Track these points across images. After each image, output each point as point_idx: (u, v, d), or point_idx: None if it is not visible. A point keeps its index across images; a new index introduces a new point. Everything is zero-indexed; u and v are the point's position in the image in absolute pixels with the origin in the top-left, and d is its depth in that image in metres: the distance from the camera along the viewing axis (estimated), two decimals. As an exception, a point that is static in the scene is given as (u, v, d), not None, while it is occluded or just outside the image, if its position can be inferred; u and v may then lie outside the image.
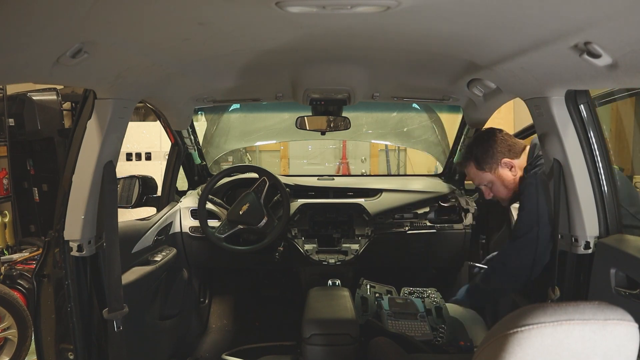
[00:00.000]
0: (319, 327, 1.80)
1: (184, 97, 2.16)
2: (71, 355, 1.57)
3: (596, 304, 0.78)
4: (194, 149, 2.75)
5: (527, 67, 1.43)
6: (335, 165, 6.86)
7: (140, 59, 1.39)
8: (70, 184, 1.53)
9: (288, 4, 0.99)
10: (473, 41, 1.34)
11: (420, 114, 3.24)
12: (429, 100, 2.45)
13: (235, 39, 1.36)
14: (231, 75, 1.92)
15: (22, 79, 1.34)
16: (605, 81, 1.24)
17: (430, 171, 6.18)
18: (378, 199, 2.88)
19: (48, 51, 1.07)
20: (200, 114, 3.17)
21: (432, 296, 2.37)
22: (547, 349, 0.76)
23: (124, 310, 1.53)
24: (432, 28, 1.24)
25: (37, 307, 1.60)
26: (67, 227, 1.54)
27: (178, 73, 1.68)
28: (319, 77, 1.91)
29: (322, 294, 2.13)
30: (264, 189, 2.61)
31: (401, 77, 1.98)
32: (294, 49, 1.53)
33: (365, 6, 1.01)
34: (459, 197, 2.88)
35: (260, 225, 2.56)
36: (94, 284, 1.62)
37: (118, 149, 1.63)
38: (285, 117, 3.19)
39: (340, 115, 2.32)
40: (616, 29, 1.00)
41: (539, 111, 1.64)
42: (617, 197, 1.64)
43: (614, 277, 1.53)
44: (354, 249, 2.74)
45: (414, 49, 1.51)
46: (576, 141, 1.61)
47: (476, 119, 2.44)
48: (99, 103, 1.51)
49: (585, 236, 1.62)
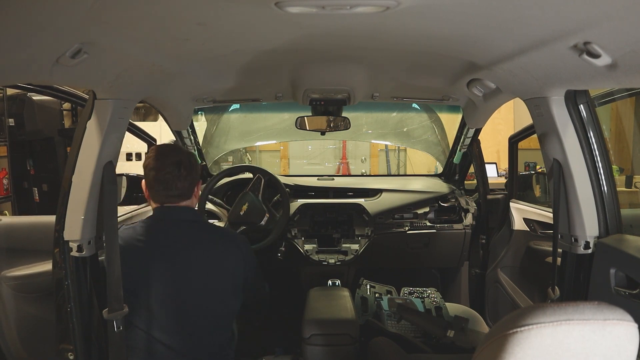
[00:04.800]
0: (319, 327, 1.80)
1: (184, 97, 2.16)
2: (71, 356, 1.57)
3: (596, 304, 0.78)
4: (193, 149, 2.75)
5: (527, 67, 1.43)
6: (335, 165, 6.86)
7: (140, 59, 1.39)
8: (70, 184, 1.53)
9: (287, 4, 0.99)
10: (473, 41, 1.34)
11: (420, 114, 3.24)
12: (428, 100, 2.45)
13: (235, 39, 1.36)
14: (231, 75, 1.92)
15: (22, 79, 1.34)
16: (605, 81, 1.24)
17: (430, 171, 6.18)
18: (378, 199, 2.88)
19: (48, 51, 1.08)
20: (200, 114, 3.17)
21: (432, 296, 2.37)
22: (546, 349, 0.76)
23: (124, 310, 1.53)
24: (431, 28, 1.24)
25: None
26: (67, 227, 1.54)
27: (178, 73, 1.68)
28: (319, 77, 1.91)
29: (322, 294, 2.14)
30: (260, 186, 2.61)
31: (401, 77, 1.98)
32: (294, 49, 1.53)
33: (364, 6, 1.01)
34: (458, 197, 2.88)
35: (262, 223, 2.56)
36: (94, 284, 1.62)
37: (118, 149, 1.63)
38: (285, 117, 3.19)
39: (340, 115, 2.32)
40: (616, 29, 1.00)
41: (539, 111, 1.64)
42: (617, 197, 1.65)
43: (614, 277, 1.53)
44: (354, 249, 2.74)
45: (413, 49, 1.51)
46: (576, 141, 1.61)
47: (476, 119, 2.44)
48: (99, 103, 1.51)
49: (585, 236, 1.62)
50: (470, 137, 2.67)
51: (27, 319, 1.97)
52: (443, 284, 3.18)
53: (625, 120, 4.93)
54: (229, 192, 2.90)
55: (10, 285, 1.94)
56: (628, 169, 4.72)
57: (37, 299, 1.94)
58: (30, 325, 1.97)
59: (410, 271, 3.18)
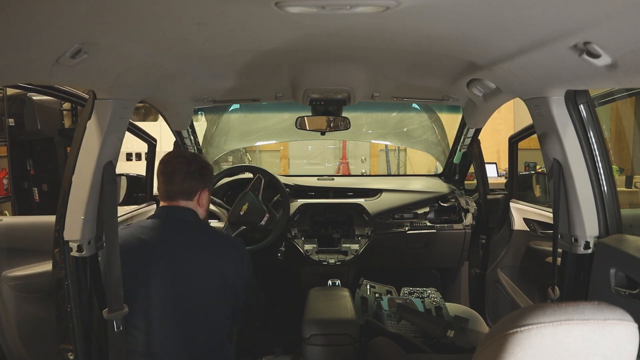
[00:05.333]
0: (319, 327, 1.80)
1: (184, 97, 2.16)
2: (71, 356, 1.57)
3: (596, 304, 0.78)
4: (193, 149, 2.75)
5: (527, 67, 1.43)
6: (335, 165, 6.86)
7: (140, 59, 1.39)
8: (70, 184, 1.53)
9: (287, 4, 0.99)
10: (473, 41, 1.34)
11: (420, 114, 3.25)
12: (428, 100, 2.45)
13: (235, 39, 1.36)
14: (231, 75, 1.92)
15: (22, 79, 1.34)
16: (605, 81, 1.24)
17: (430, 171, 6.18)
18: (378, 199, 2.88)
19: (48, 51, 1.08)
20: (200, 114, 3.17)
21: (432, 296, 2.37)
22: (546, 349, 0.76)
23: (124, 310, 1.53)
24: (431, 28, 1.24)
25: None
26: (67, 227, 1.54)
27: (178, 73, 1.68)
28: (319, 77, 1.91)
29: (322, 294, 2.14)
30: (261, 186, 2.61)
31: (401, 77, 1.98)
32: (294, 49, 1.53)
33: (364, 6, 1.01)
34: (458, 197, 2.88)
35: (262, 223, 2.56)
36: (94, 284, 1.62)
37: (118, 149, 1.63)
38: (285, 117, 3.19)
39: (340, 115, 2.32)
40: (616, 29, 1.00)
41: (539, 111, 1.64)
42: (617, 197, 1.65)
43: (614, 277, 1.53)
44: (354, 249, 2.75)
45: (413, 49, 1.51)
46: (576, 141, 1.61)
47: (476, 119, 2.44)
48: (99, 103, 1.51)
49: (585, 236, 1.62)
50: (470, 137, 2.67)
51: (28, 319, 1.97)
52: (443, 284, 3.19)
53: (625, 120, 4.93)
54: (229, 192, 2.90)
55: (11, 286, 1.94)
56: (628, 169, 4.72)
57: (38, 299, 1.95)
58: (31, 326, 1.97)
59: (410, 271, 3.18)
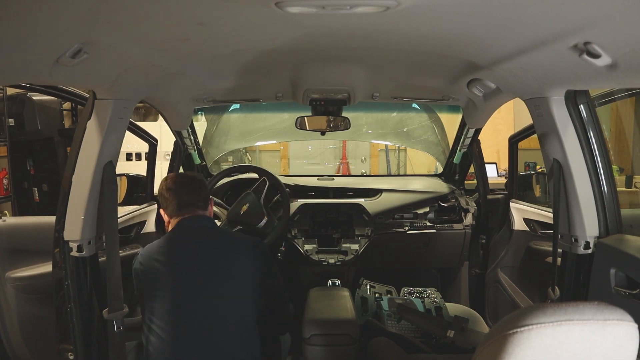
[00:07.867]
0: (319, 327, 1.80)
1: (184, 97, 2.16)
2: (71, 356, 1.57)
3: (596, 304, 0.78)
4: (193, 149, 2.75)
5: (527, 67, 1.43)
6: (335, 165, 6.86)
7: (140, 59, 1.39)
8: (70, 184, 1.53)
9: (287, 4, 0.99)
10: (473, 41, 1.34)
11: (420, 114, 3.24)
12: (428, 100, 2.45)
13: (235, 39, 1.36)
14: (231, 75, 1.92)
15: (22, 79, 1.34)
16: (605, 81, 1.24)
17: (430, 171, 6.18)
18: (378, 199, 2.88)
19: (48, 51, 1.08)
20: (200, 114, 3.17)
21: (432, 296, 2.37)
22: (546, 349, 0.76)
23: (124, 310, 1.53)
24: (431, 28, 1.24)
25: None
26: (67, 227, 1.54)
27: (178, 73, 1.68)
28: (319, 77, 1.91)
29: (322, 294, 2.14)
30: (264, 189, 2.61)
31: (401, 77, 1.98)
32: (294, 49, 1.53)
33: (364, 6, 1.01)
34: (458, 197, 2.88)
35: (260, 225, 2.56)
36: (94, 284, 1.62)
37: (118, 149, 1.63)
38: (285, 117, 3.19)
39: (340, 115, 2.32)
40: (616, 29, 1.00)
41: (539, 111, 1.64)
42: (617, 197, 1.65)
43: (614, 277, 1.53)
44: (354, 249, 2.74)
45: (413, 49, 1.51)
46: (576, 141, 1.61)
47: (476, 119, 2.44)
48: (99, 103, 1.51)
49: (585, 236, 1.62)
50: (470, 137, 2.67)
51: (32, 319, 1.97)
52: (443, 284, 3.18)
53: (625, 120, 4.93)
54: (229, 192, 2.90)
55: (14, 286, 1.95)
56: (628, 169, 4.72)
57: (41, 300, 1.94)
58: (34, 326, 1.97)
59: (410, 271, 3.17)
